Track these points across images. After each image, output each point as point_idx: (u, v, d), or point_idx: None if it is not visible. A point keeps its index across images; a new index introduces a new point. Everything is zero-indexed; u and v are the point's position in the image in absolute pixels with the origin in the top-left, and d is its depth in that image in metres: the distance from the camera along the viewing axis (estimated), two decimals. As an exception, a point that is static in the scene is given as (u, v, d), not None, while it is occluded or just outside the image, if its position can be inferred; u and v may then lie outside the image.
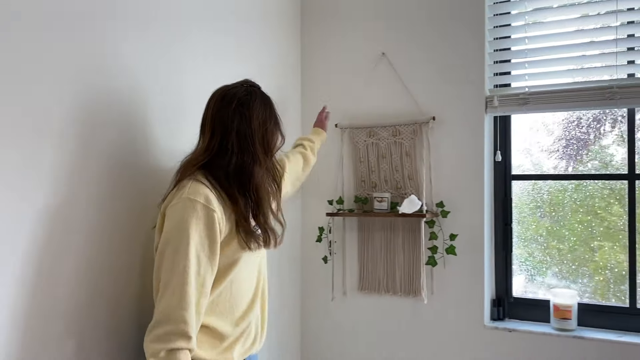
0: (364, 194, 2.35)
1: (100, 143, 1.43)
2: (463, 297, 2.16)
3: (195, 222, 1.31)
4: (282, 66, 2.38)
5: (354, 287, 2.38)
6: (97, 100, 1.42)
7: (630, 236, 2.00)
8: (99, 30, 1.42)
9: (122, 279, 1.51)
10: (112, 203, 1.47)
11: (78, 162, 1.37)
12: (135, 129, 1.55)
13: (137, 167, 1.56)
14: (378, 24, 2.35)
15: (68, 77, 1.33)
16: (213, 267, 1.36)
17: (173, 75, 1.70)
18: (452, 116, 2.19)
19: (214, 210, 1.34)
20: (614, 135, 2.13)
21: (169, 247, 1.31)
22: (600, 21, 2.02)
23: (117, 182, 1.48)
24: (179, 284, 1.28)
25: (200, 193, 1.34)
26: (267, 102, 1.52)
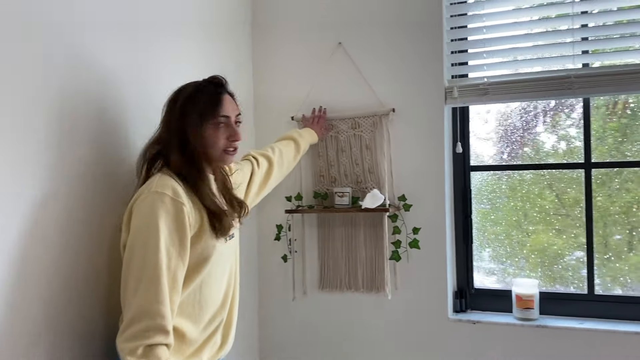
0: (323, 189, 2.27)
1: (79, 142, 1.40)
2: (426, 290, 2.13)
3: (164, 216, 1.28)
4: (230, 58, 2.25)
5: (315, 286, 2.30)
6: (76, 99, 1.40)
7: (587, 224, 2.03)
8: (77, 31, 1.40)
9: (94, 277, 1.45)
10: (91, 201, 1.44)
11: (57, 161, 1.33)
12: (112, 124, 1.53)
13: (115, 165, 1.54)
14: (334, 12, 2.26)
15: (46, 77, 1.30)
16: (184, 261, 1.33)
17: (146, 75, 1.69)
18: (412, 107, 2.15)
19: (183, 204, 1.31)
20: (546, 125, 2.18)
21: (138, 243, 1.27)
22: (557, 10, 2.02)
23: (95, 180, 1.46)
24: (152, 279, 1.24)
25: (168, 186, 1.32)
26: (197, 93, 1.45)
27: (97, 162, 1.46)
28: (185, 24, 1.92)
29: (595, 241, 2.03)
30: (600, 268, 2.05)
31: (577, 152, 2.09)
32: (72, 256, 1.37)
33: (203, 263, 1.39)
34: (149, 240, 1.26)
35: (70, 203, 1.37)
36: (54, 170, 1.32)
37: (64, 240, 1.35)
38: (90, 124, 1.44)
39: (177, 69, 1.82)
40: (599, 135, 2.07)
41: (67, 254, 1.36)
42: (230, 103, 1.48)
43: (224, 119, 1.44)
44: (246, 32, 2.37)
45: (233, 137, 1.46)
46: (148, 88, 1.68)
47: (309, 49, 2.30)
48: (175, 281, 1.30)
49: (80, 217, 1.40)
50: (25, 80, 1.24)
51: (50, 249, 1.31)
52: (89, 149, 1.43)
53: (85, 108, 1.43)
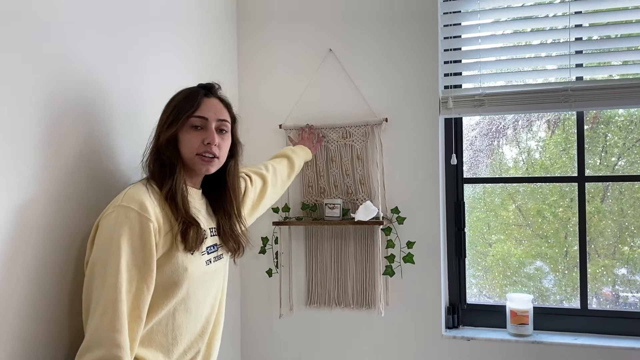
0: (312, 200, 2.18)
1: (64, 143, 1.29)
2: (419, 306, 2.06)
3: (128, 233, 1.16)
4: (217, 66, 2.14)
5: (302, 302, 2.19)
6: (62, 99, 1.29)
7: (580, 238, 2.01)
8: (61, 31, 1.29)
9: (69, 286, 1.30)
10: (72, 206, 1.31)
11: (41, 163, 1.22)
12: (97, 127, 1.41)
13: (101, 169, 1.42)
14: (324, 18, 2.18)
15: (31, 77, 1.19)
16: (148, 284, 1.19)
17: (130, 75, 1.57)
18: (405, 117, 2.09)
19: (150, 220, 1.19)
20: (509, 138, 2.22)
21: (99, 261, 1.16)
22: (552, 23, 2.02)
23: (81, 183, 1.34)
24: (110, 303, 1.12)
25: (135, 200, 1.20)
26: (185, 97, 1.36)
27: (83, 165, 1.34)
28: (173, 29, 1.81)
29: (556, 252, 2.04)
30: (562, 277, 2.08)
31: (539, 165, 2.17)
32: (52, 262, 1.24)
33: (173, 288, 1.25)
34: (110, 259, 1.14)
35: (54, 207, 1.25)
36: (39, 173, 1.20)
37: (45, 246, 1.22)
38: (77, 124, 1.32)
39: (163, 77, 1.71)
40: (562, 147, 2.13)
41: (48, 259, 1.23)
42: (213, 107, 1.35)
43: (199, 120, 1.32)
44: (233, 39, 2.26)
45: (207, 140, 1.31)
46: (134, 90, 1.57)
47: (298, 55, 2.21)
48: (136, 307, 1.16)
49: (64, 222, 1.28)
50: (9, 80, 1.13)
51: (30, 255, 1.18)
52: (75, 152, 1.31)
53: (71, 108, 1.31)
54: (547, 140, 2.17)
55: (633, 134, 2.04)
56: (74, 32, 1.32)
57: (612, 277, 2.07)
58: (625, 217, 2.04)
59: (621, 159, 2.08)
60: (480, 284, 2.21)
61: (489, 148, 2.23)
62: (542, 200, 2.14)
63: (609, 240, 2.06)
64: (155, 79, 1.66)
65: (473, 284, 2.20)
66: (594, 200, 2.07)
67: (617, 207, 2.06)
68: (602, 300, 2.06)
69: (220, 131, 1.36)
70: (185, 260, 1.26)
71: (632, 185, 2.01)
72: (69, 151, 1.30)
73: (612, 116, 2.06)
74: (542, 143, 2.18)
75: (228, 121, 1.39)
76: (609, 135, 2.08)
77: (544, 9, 2.01)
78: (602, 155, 2.09)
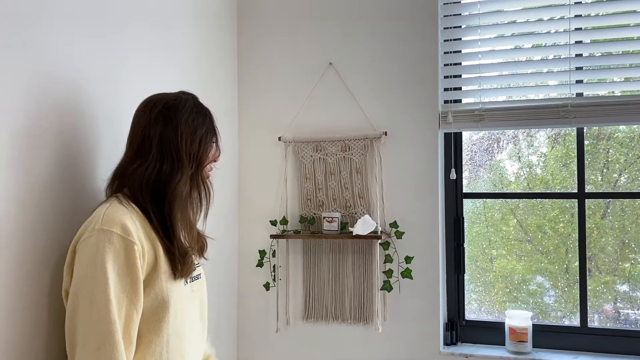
0: (310, 213, 2.16)
1: (38, 155, 1.22)
2: (417, 322, 2.04)
3: (113, 259, 1.10)
4: (216, 78, 2.14)
5: (299, 316, 2.17)
6: (42, 108, 1.23)
7: (580, 255, 1.99)
8: (41, 33, 1.23)
9: (30, 323, 1.20)
10: (45, 224, 1.24)
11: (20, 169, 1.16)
12: (79, 131, 1.35)
13: (81, 185, 1.35)
14: (325, 32, 2.19)
15: (11, 85, 1.14)
16: (138, 309, 1.14)
17: (114, 78, 1.51)
18: (404, 131, 2.08)
19: (134, 242, 1.13)
20: (508, 152, 2.22)
21: (83, 292, 1.09)
22: (553, 39, 2.02)
23: (54, 200, 1.26)
24: (105, 336, 1.06)
25: (116, 222, 1.13)
26: (201, 109, 1.33)
27: (61, 179, 1.28)
28: (169, 38, 1.80)
29: (557, 268, 2.02)
30: (562, 293, 2.06)
31: (540, 180, 2.16)
32: (23, 290, 1.17)
33: (160, 311, 1.18)
34: (96, 288, 1.08)
35: (25, 224, 1.18)
36: (8, 185, 1.13)
37: (15, 270, 1.15)
38: (56, 134, 1.27)
39: (156, 88, 1.67)
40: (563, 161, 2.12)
41: (19, 286, 1.16)
42: None
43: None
44: (233, 51, 2.27)
45: (216, 160, 1.37)
46: (122, 106, 1.51)
47: (298, 68, 2.21)
48: (127, 333, 1.12)
49: (36, 243, 1.21)
50: None
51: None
52: (50, 164, 1.25)
53: (52, 118, 1.26)
54: (548, 154, 2.16)
55: (634, 151, 2.02)
56: (58, 32, 1.28)
57: (613, 294, 2.04)
58: (626, 234, 2.02)
59: (622, 175, 2.06)
60: (480, 300, 2.18)
61: (489, 163, 2.22)
62: (543, 215, 2.13)
63: (609, 256, 2.04)
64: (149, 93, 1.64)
65: (473, 300, 2.17)
66: (594, 216, 2.05)
67: (619, 223, 2.04)
68: (602, 317, 2.03)
69: None
70: (169, 282, 1.21)
71: (633, 202, 1.99)
72: (43, 164, 1.22)
73: (613, 132, 2.05)
74: (542, 158, 2.17)
75: None
76: (611, 151, 2.07)
77: (544, 25, 2.01)
78: (604, 172, 2.08)
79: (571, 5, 1.94)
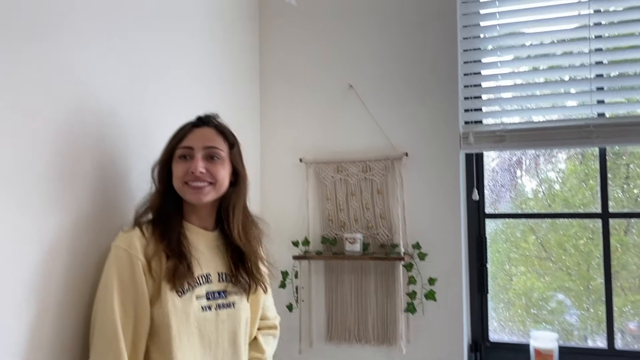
0: (331, 234, 2.17)
1: (80, 170, 1.28)
2: (441, 344, 2.03)
3: (117, 272, 1.21)
4: (237, 100, 2.17)
5: (322, 337, 2.17)
6: (77, 138, 1.28)
7: (606, 275, 1.98)
8: (76, 64, 1.28)
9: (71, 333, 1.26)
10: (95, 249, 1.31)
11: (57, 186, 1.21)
12: (112, 163, 1.41)
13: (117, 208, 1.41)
14: (345, 55, 2.21)
15: (46, 116, 1.18)
16: (145, 322, 1.22)
17: (148, 110, 1.57)
18: (425, 152, 2.09)
19: (138, 257, 1.23)
20: (528, 170, 2.23)
21: (98, 300, 1.22)
22: (573, 60, 2.03)
23: (98, 228, 1.34)
24: (110, 342, 1.16)
25: (125, 238, 1.25)
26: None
27: (98, 201, 1.34)
28: (192, 66, 1.83)
29: (579, 285, 2.00)
30: (585, 312, 2.05)
31: (560, 197, 2.16)
32: (73, 307, 1.24)
33: (165, 331, 1.22)
34: (106, 298, 1.19)
35: (74, 253, 1.24)
36: (53, 213, 1.19)
37: (67, 292, 1.22)
38: (91, 164, 1.31)
39: (181, 110, 1.70)
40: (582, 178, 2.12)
41: (69, 304, 1.23)
42: (201, 135, 1.33)
43: (185, 150, 1.31)
44: (255, 73, 2.30)
45: (191, 169, 1.29)
46: (150, 127, 1.56)
47: (319, 91, 2.24)
48: (136, 343, 1.21)
49: (83, 263, 1.27)
50: (25, 120, 1.12)
51: (52, 303, 1.18)
52: (90, 187, 1.30)
53: (86, 143, 1.30)
54: (568, 172, 2.15)
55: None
56: (91, 68, 1.32)
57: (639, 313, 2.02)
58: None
59: (644, 191, 2.05)
60: (500, 318, 2.17)
61: (510, 183, 2.22)
62: (564, 232, 2.12)
63: (633, 274, 2.02)
64: (174, 117, 1.66)
65: (493, 318, 2.16)
66: (617, 233, 2.04)
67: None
68: (628, 337, 2.00)
69: (210, 158, 1.32)
70: (176, 301, 1.23)
71: (657, 219, 1.98)
72: (83, 181, 1.28)
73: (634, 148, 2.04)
74: (561, 174, 2.17)
75: (219, 148, 1.34)
76: (631, 166, 2.06)
77: (564, 46, 2.02)
78: (624, 187, 2.07)
79: (591, 27, 1.95)
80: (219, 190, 1.34)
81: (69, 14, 1.24)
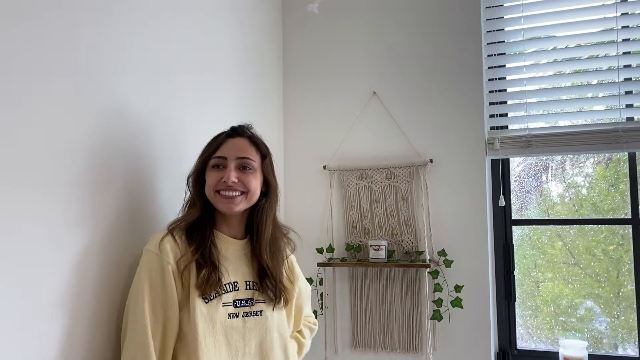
0: (356, 241, 2.17)
1: (112, 181, 1.31)
2: (467, 352, 2.01)
3: (148, 276, 1.24)
4: (261, 107, 2.19)
5: (347, 345, 2.17)
6: (108, 146, 1.30)
7: (637, 282, 1.94)
8: (110, 75, 1.31)
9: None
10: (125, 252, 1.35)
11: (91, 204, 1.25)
12: (143, 172, 1.44)
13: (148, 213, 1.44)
14: (368, 62, 2.22)
15: (79, 124, 1.21)
16: (173, 325, 1.24)
17: (174, 122, 1.59)
18: (450, 158, 2.08)
19: (168, 262, 1.25)
20: (555, 174, 2.19)
21: (129, 303, 1.24)
22: (600, 64, 2.00)
23: (130, 231, 1.37)
24: (140, 346, 1.19)
25: (157, 242, 1.27)
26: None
27: (129, 210, 1.36)
28: (217, 71, 1.86)
29: (608, 292, 1.97)
30: (615, 319, 2.01)
31: (588, 202, 2.12)
32: (108, 310, 1.27)
33: (192, 336, 1.23)
34: (137, 302, 1.22)
35: (105, 256, 1.27)
36: (87, 222, 1.22)
37: (100, 297, 1.25)
38: (122, 171, 1.34)
39: (208, 119, 1.75)
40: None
41: (103, 307, 1.26)
42: (235, 146, 1.36)
43: (218, 160, 1.35)
44: (279, 81, 2.32)
45: (224, 178, 1.32)
46: (178, 136, 1.60)
47: (342, 98, 2.25)
48: (163, 347, 1.23)
49: (115, 269, 1.30)
50: (57, 127, 1.15)
51: (86, 305, 1.21)
52: (122, 197, 1.33)
53: (117, 155, 1.33)
54: (596, 176, 2.12)
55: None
56: (124, 80, 1.36)
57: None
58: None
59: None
60: (527, 325, 2.14)
61: (537, 189, 2.20)
62: (592, 237, 2.08)
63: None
64: (201, 124, 1.70)
65: (520, 325, 2.13)
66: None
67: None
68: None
69: (243, 169, 1.35)
70: (202, 307, 1.25)
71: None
72: (116, 192, 1.31)
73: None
74: (589, 179, 2.13)
75: (251, 159, 1.37)
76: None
77: (591, 49, 2.00)
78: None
79: (618, 30, 1.92)
80: (250, 200, 1.37)
81: (105, 25, 1.28)
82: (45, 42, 1.12)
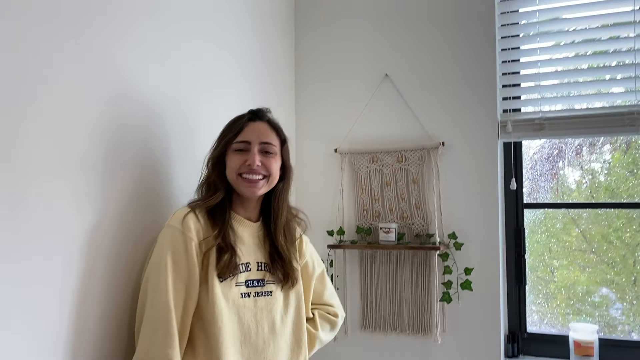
0: (366, 224, 2.18)
1: (123, 171, 1.33)
2: (477, 334, 2.02)
3: (173, 251, 1.25)
4: (273, 89, 2.20)
5: (357, 326, 2.19)
6: (120, 128, 1.32)
7: (650, 267, 1.93)
8: (123, 58, 1.33)
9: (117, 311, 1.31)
10: (137, 223, 1.37)
11: (105, 185, 1.27)
12: (155, 154, 1.46)
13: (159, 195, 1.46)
14: (380, 44, 2.21)
15: (89, 105, 1.23)
16: (194, 300, 1.26)
17: (187, 103, 1.61)
18: (462, 142, 2.07)
19: (191, 238, 1.26)
20: (570, 159, 2.16)
21: (150, 279, 1.24)
22: (616, 46, 1.96)
23: (141, 210, 1.39)
24: (162, 321, 1.20)
25: (180, 219, 1.28)
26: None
27: (140, 192, 1.38)
28: (229, 57, 1.86)
29: (624, 279, 1.95)
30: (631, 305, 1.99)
31: (604, 188, 2.10)
32: (119, 287, 1.30)
33: (208, 314, 1.25)
34: (159, 277, 1.22)
35: (116, 234, 1.29)
36: (99, 202, 1.24)
37: (112, 272, 1.28)
38: (134, 153, 1.36)
39: (219, 102, 1.77)
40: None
41: (114, 286, 1.28)
42: (256, 130, 1.38)
43: (242, 144, 1.37)
44: (291, 63, 2.32)
45: (248, 162, 1.34)
46: (190, 118, 1.61)
47: (354, 81, 2.25)
48: (183, 321, 1.24)
49: (126, 249, 1.33)
50: (69, 107, 1.17)
51: (97, 284, 1.24)
52: (133, 179, 1.35)
53: (129, 137, 1.35)
54: (614, 161, 2.09)
55: None
56: (137, 63, 1.38)
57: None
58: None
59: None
60: (541, 312, 2.14)
61: (549, 172, 2.18)
62: (608, 224, 2.06)
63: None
64: (213, 107, 1.72)
65: (534, 312, 2.13)
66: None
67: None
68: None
69: (265, 153, 1.38)
70: (218, 286, 1.28)
71: None
72: (127, 174, 1.33)
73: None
74: (606, 165, 2.11)
75: (273, 144, 1.40)
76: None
77: (606, 31, 1.96)
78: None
79: (636, 11, 1.88)
80: (271, 184, 1.40)
81: (114, 13, 1.29)
82: (61, 24, 1.14)
